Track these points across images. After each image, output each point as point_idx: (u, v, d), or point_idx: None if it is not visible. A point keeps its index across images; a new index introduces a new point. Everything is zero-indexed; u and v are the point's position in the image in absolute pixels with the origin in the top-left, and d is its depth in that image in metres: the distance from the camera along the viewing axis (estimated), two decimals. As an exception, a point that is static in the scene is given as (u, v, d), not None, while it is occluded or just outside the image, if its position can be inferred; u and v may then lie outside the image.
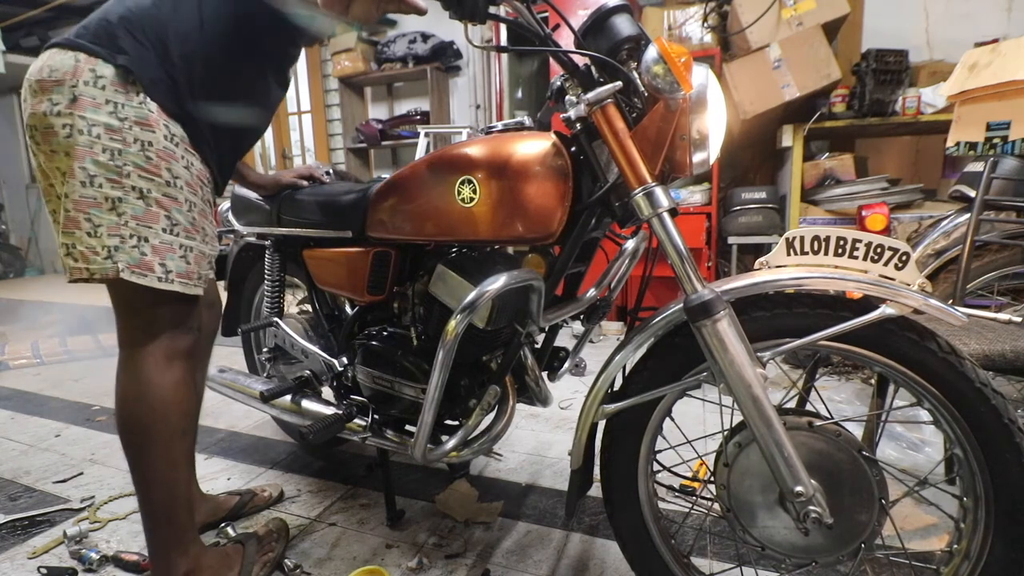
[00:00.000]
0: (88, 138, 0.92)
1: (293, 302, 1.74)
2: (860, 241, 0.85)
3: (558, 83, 1.02)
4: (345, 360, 1.34)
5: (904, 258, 0.82)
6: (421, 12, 0.97)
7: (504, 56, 4.07)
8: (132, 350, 1.02)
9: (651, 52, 0.82)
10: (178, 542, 1.05)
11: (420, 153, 3.85)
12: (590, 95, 0.88)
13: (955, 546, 0.89)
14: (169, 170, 0.98)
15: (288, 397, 1.37)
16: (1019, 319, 1.25)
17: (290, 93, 5.26)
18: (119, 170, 0.94)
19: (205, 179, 1.06)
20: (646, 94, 0.96)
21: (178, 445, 1.04)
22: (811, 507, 0.82)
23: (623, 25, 0.91)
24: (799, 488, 0.82)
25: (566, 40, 0.96)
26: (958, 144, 1.64)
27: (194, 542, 1.09)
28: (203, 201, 1.05)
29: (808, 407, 1.13)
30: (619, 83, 0.89)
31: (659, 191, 0.86)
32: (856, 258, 0.85)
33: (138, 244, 0.96)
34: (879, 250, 0.84)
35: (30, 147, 0.98)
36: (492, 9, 0.88)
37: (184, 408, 1.05)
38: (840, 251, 0.86)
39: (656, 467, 1.03)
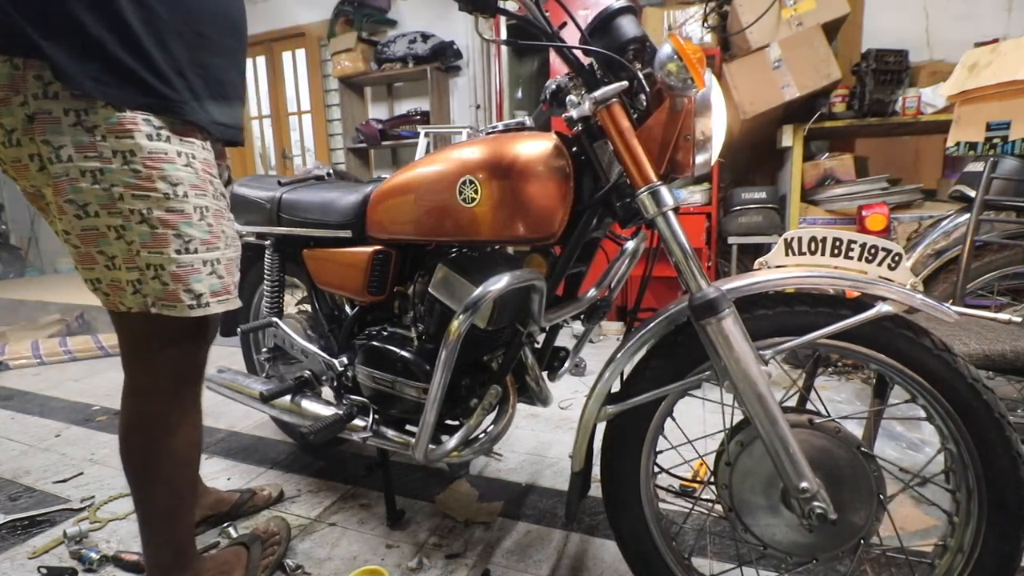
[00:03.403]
0: (61, 166, 0.78)
1: (293, 302, 1.73)
2: (855, 242, 0.87)
3: (553, 85, 1.02)
4: (345, 360, 1.34)
5: (897, 259, 0.84)
6: None
7: (504, 56, 4.07)
8: (140, 380, 0.94)
9: (666, 49, 0.83)
10: (177, 562, 1.02)
11: (420, 153, 3.85)
12: (596, 93, 0.88)
13: (949, 540, 0.90)
14: (164, 178, 0.82)
15: (288, 397, 1.37)
16: (1019, 319, 1.25)
17: (290, 93, 5.28)
18: (109, 194, 0.80)
19: (212, 168, 0.91)
20: (649, 96, 0.96)
21: (184, 474, 1.00)
22: (815, 503, 0.82)
23: (629, 26, 0.91)
24: (804, 484, 0.82)
25: (571, 39, 0.96)
26: (958, 144, 1.64)
27: (194, 558, 1.06)
28: (215, 197, 0.91)
29: (808, 406, 1.13)
30: (625, 82, 0.89)
31: (664, 190, 0.86)
32: (852, 258, 0.88)
33: (157, 274, 0.85)
34: (873, 251, 0.86)
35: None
36: (501, 3, 0.88)
37: (191, 439, 1.00)
38: (836, 252, 0.89)
39: (657, 468, 1.03)
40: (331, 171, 1.54)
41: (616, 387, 0.99)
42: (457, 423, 1.19)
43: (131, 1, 0.78)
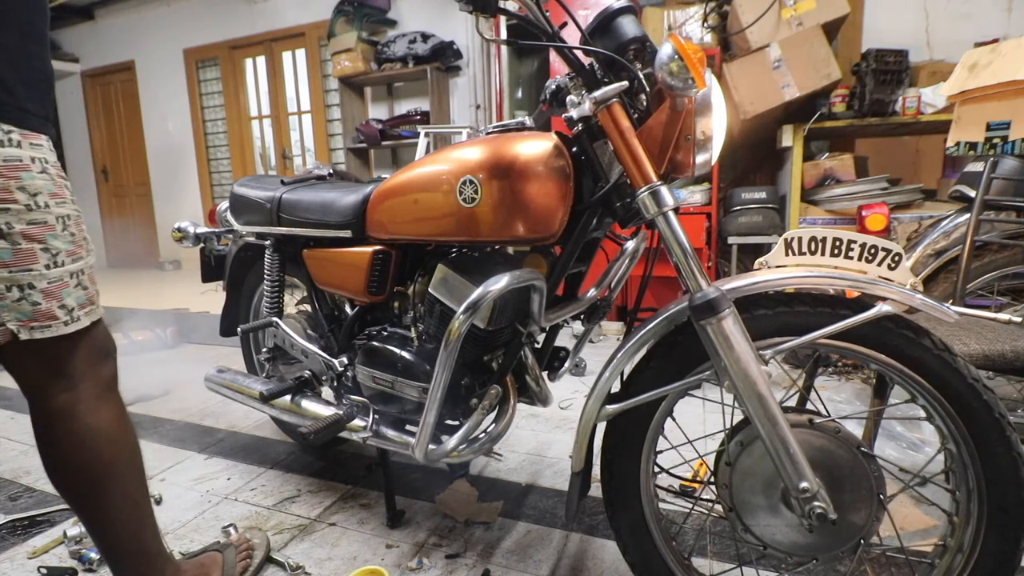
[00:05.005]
0: None
1: (293, 302, 1.74)
2: (855, 242, 0.87)
3: (553, 85, 1.02)
4: (345, 360, 1.34)
5: (897, 258, 0.84)
6: None
7: (504, 56, 4.07)
8: (54, 400, 0.86)
9: (667, 48, 0.83)
10: (154, 566, 0.97)
11: (420, 153, 3.85)
12: (597, 93, 0.88)
13: (949, 540, 0.90)
14: (23, 189, 0.75)
15: (288, 397, 1.37)
16: (1019, 319, 1.25)
17: (290, 93, 5.28)
18: None
19: (61, 170, 0.83)
20: (649, 96, 0.96)
21: (135, 480, 0.93)
22: (816, 503, 0.82)
23: (629, 26, 0.92)
24: (804, 484, 0.82)
25: (572, 39, 0.97)
26: (958, 144, 1.64)
27: (169, 560, 1.02)
28: (72, 202, 0.84)
29: (808, 406, 1.13)
30: (625, 83, 0.90)
31: (664, 190, 0.87)
32: (852, 258, 0.88)
33: (25, 295, 0.76)
34: (873, 251, 0.86)
35: None
36: (502, 3, 0.88)
37: (131, 441, 0.93)
38: (836, 251, 0.89)
39: (657, 468, 1.03)
40: (332, 171, 1.53)
41: (616, 387, 0.99)
42: (457, 423, 1.19)
43: None
